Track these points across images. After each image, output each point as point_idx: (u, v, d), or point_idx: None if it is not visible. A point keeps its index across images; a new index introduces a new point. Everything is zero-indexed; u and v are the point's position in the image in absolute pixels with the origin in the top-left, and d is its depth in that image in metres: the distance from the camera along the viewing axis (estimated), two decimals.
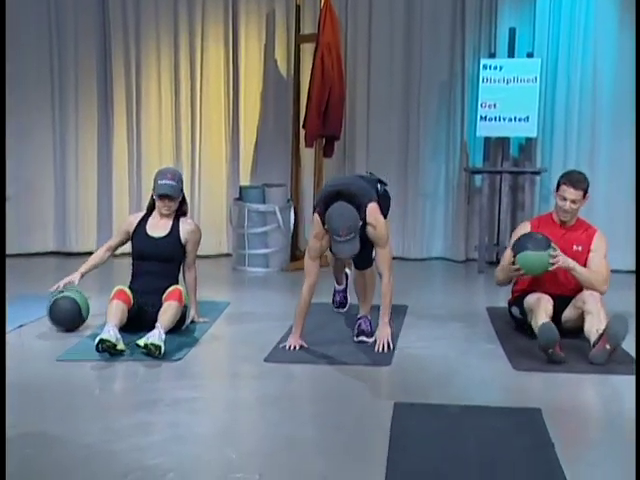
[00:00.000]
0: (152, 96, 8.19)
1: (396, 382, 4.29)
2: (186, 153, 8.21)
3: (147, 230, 5.23)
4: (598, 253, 5.03)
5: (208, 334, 5.18)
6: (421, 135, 8.00)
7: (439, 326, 5.37)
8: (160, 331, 4.60)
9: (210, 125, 8.20)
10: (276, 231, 7.57)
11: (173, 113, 8.20)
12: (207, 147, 8.23)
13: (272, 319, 5.58)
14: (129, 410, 3.81)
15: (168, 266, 5.19)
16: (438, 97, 7.96)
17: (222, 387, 4.25)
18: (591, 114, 7.59)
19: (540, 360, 4.55)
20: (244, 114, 8.18)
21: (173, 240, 5.23)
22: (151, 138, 8.22)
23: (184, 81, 8.13)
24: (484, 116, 7.44)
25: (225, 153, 8.26)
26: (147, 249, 5.17)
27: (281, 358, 4.62)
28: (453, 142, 7.95)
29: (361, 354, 4.71)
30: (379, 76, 8.00)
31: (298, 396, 4.05)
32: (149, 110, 8.20)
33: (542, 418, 3.62)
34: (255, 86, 8.16)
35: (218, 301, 6.09)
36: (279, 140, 8.17)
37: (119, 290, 4.90)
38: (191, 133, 8.19)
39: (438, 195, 8.10)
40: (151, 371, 4.38)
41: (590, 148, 7.63)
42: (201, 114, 8.17)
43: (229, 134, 8.22)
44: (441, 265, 7.98)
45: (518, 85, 7.35)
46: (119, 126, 8.22)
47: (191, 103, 8.16)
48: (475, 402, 3.88)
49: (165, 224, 5.25)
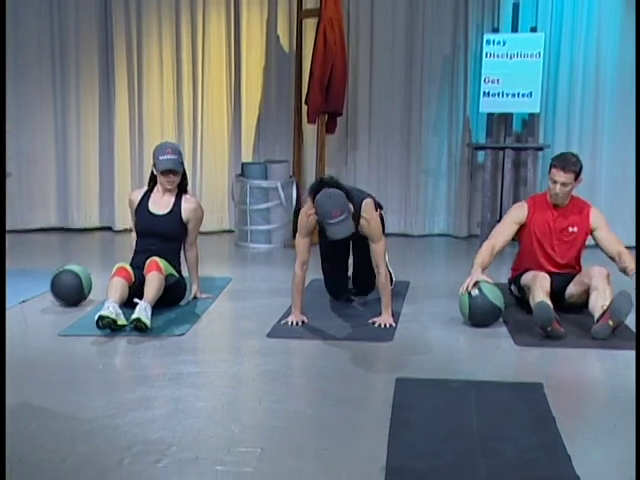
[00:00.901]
0: (154, 72, 8.14)
1: (398, 358, 4.30)
2: (188, 129, 8.19)
3: (149, 207, 5.22)
4: (602, 229, 5.02)
5: (210, 310, 5.19)
6: (424, 111, 7.97)
7: (441, 302, 5.37)
8: (145, 306, 4.60)
9: (212, 101, 8.17)
10: (278, 207, 7.56)
11: (175, 88, 8.16)
12: (209, 123, 8.20)
13: (275, 295, 5.58)
14: (131, 384, 3.81)
15: (169, 244, 5.18)
16: (441, 73, 7.91)
17: (224, 362, 4.25)
18: (594, 89, 7.55)
19: (541, 336, 4.55)
20: (246, 90, 8.14)
21: (174, 218, 5.21)
22: (153, 114, 8.19)
23: (186, 56, 8.09)
24: (487, 92, 7.40)
25: (227, 129, 8.23)
26: (148, 226, 5.17)
27: (284, 334, 4.63)
28: (456, 118, 7.91)
29: (363, 330, 4.72)
30: (382, 51, 7.95)
31: (300, 371, 4.05)
32: (151, 85, 8.16)
33: (543, 392, 3.62)
34: (257, 62, 8.12)
35: (220, 277, 6.09)
36: (281, 116, 8.14)
37: (120, 267, 4.89)
38: (193, 109, 8.16)
39: (440, 171, 8.08)
40: (153, 346, 4.38)
41: (593, 124, 7.59)
42: (203, 90, 8.14)
43: (231, 110, 8.19)
44: (443, 241, 7.97)
45: (521, 60, 7.31)
46: (121, 101, 8.19)
47: (193, 78, 8.12)
48: (477, 377, 3.89)
49: (167, 201, 5.23)
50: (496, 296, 4.77)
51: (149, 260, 4.91)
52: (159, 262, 4.90)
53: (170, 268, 5.00)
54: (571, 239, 5.04)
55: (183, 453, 3.00)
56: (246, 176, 7.61)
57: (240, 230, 7.70)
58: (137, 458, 2.95)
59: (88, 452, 3.02)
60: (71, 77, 8.19)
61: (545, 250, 5.08)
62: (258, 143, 8.25)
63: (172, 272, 5.01)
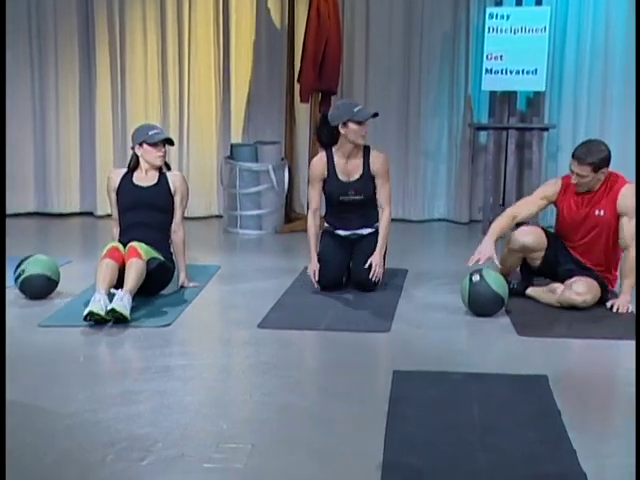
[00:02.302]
0: (137, 49, 8.11)
1: (395, 349, 4.31)
2: (174, 109, 8.16)
3: (134, 181, 5.26)
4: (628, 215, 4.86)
5: (198, 299, 5.19)
6: (422, 89, 7.96)
7: (440, 291, 5.38)
8: (122, 295, 4.59)
9: (199, 79, 8.14)
10: (269, 191, 7.55)
11: (160, 67, 8.13)
12: (196, 102, 8.18)
13: (265, 283, 5.59)
14: (115, 378, 3.82)
15: (160, 216, 5.22)
16: (441, 49, 7.90)
17: (213, 354, 4.26)
18: (603, 66, 7.55)
19: (546, 325, 4.57)
20: (235, 67, 8.12)
21: (162, 188, 5.27)
22: (136, 93, 8.16)
23: (171, 33, 8.06)
24: (490, 69, 7.39)
25: (215, 109, 8.21)
26: (136, 199, 5.20)
27: (275, 324, 4.64)
28: (457, 97, 7.91)
29: (359, 320, 4.73)
30: (378, 27, 7.93)
31: (293, 363, 4.06)
32: (134, 64, 8.13)
33: (548, 385, 3.64)
34: (247, 37, 8.09)
35: (208, 265, 6.09)
36: (272, 95, 8.12)
37: (111, 248, 4.87)
38: (179, 88, 8.14)
39: (440, 153, 8.08)
40: (138, 337, 4.38)
41: (602, 102, 7.59)
42: (189, 67, 8.11)
43: (219, 89, 8.17)
44: (443, 227, 7.98)
45: (526, 35, 7.29)
46: (102, 81, 8.15)
47: (179, 56, 8.09)
48: (478, 369, 3.90)
49: (152, 176, 5.29)
50: (499, 285, 4.78)
51: (128, 246, 4.90)
52: (138, 248, 4.88)
53: (152, 252, 4.98)
54: (597, 223, 4.94)
55: (169, 450, 3.01)
56: (235, 158, 7.60)
57: (229, 215, 7.70)
58: (121, 455, 2.96)
59: (69, 449, 3.03)
60: (50, 56, 8.15)
61: (569, 239, 5.05)
62: (248, 123, 8.24)
63: (155, 255, 4.99)
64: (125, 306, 4.54)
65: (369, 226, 5.46)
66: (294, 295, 5.30)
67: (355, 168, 5.36)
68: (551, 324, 4.63)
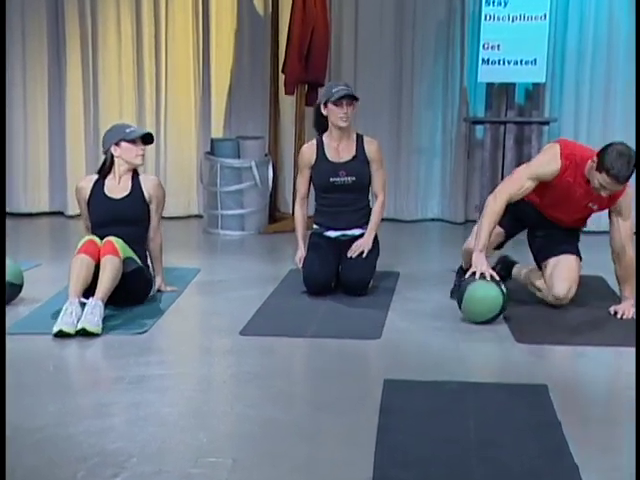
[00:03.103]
0: (111, 38, 8.08)
1: (386, 357, 4.32)
2: (150, 102, 8.15)
3: (105, 192, 5.20)
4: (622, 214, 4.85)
5: (176, 304, 5.18)
6: (415, 81, 7.97)
7: (434, 295, 5.39)
8: (94, 305, 4.54)
9: (177, 70, 8.13)
10: (252, 189, 7.55)
11: (134, 56, 8.11)
12: (174, 95, 8.16)
13: (248, 288, 5.58)
14: (87, 389, 3.81)
15: (135, 229, 5.16)
16: (434, 37, 7.92)
17: (192, 363, 4.25)
18: (606, 56, 7.56)
19: (545, 332, 4.58)
20: (215, 57, 8.11)
21: (137, 199, 5.20)
22: (110, 85, 8.13)
23: (147, 20, 8.03)
24: (486, 59, 7.41)
25: (194, 101, 8.20)
26: (108, 213, 5.13)
27: (258, 331, 4.64)
28: (451, 89, 7.92)
29: (348, 327, 4.73)
30: (368, 14, 7.93)
31: (277, 373, 4.06)
32: (107, 54, 8.10)
33: (548, 395, 3.65)
34: (228, 25, 8.09)
35: (187, 268, 6.09)
36: (255, 87, 8.12)
37: (88, 241, 4.83)
38: (155, 79, 8.12)
39: (434, 149, 8.09)
40: (112, 345, 4.37)
41: (605, 95, 7.61)
42: (167, 57, 8.09)
43: (198, 80, 8.16)
44: (437, 227, 7.99)
45: (525, 23, 7.31)
46: (73, 72, 8.12)
47: (155, 45, 8.07)
48: (474, 378, 3.91)
49: (124, 184, 5.22)
50: None
51: (104, 241, 4.84)
52: (115, 242, 4.82)
53: (130, 251, 4.96)
54: (584, 214, 5.06)
55: (145, 465, 3.00)
56: (216, 154, 7.59)
57: (209, 215, 7.69)
58: (93, 471, 2.95)
59: (38, 465, 3.02)
60: (16, 46, 8.11)
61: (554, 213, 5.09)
62: (229, 117, 8.23)
63: (131, 256, 4.97)
64: (96, 322, 4.49)
65: (360, 226, 5.47)
66: (279, 300, 5.30)
67: (347, 150, 5.47)
68: (550, 330, 4.65)
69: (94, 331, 4.46)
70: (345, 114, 5.38)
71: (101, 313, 4.56)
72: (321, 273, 5.34)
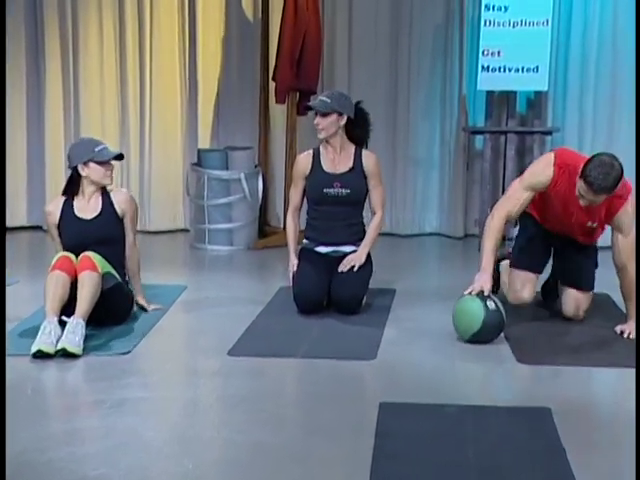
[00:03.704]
0: (92, 44, 8.07)
1: (382, 379, 4.31)
2: (134, 111, 8.14)
3: (76, 213, 5.17)
4: (623, 231, 4.86)
5: (161, 323, 5.17)
6: (412, 89, 7.98)
7: (432, 313, 5.39)
8: (75, 324, 4.53)
9: (162, 77, 8.13)
10: (241, 202, 7.55)
11: (118, 63, 8.10)
12: (159, 103, 8.16)
13: (237, 306, 5.58)
14: (67, 413, 3.80)
15: (110, 249, 5.12)
16: (432, 43, 7.93)
17: (177, 385, 4.24)
18: (611, 63, 7.58)
19: (548, 352, 4.58)
20: (203, 65, 8.11)
21: (109, 217, 5.18)
22: (91, 94, 8.12)
23: (130, 25, 8.03)
24: (486, 66, 7.42)
25: (180, 110, 8.20)
26: (81, 235, 5.09)
27: (247, 351, 4.63)
28: (449, 97, 7.94)
29: (341, 347, 4.73)
30: (362, 19, 7.95)
31: (267, 395, 4.05)
32: (89, 60, 8.08)
33: (552, 418, 3.65)
34: (215, 30, 8.10)
35: (173, 285, 6.08)
36: (244, 95, 8.12)
37: (62, 257, 4.82)
38: (139, 87, 8.11)
39: (432, 160, 8.09)
40: (92, 367, 4.36)
41: (610, 103, 7.63)
42: (151, 63, 8.09)
43: (185, 88, 8.16)
44: (435, 242, 8.00)
45: (526, 29, 7.33)
46: (52, 79, 8.10)
47: (139, 51, 8.07)
48: (474, 401, 3.90)
49: (94, 203, 5.18)
50: (504, 310, 4.80)
51: (80, 256, 4.83)
52: (92, 257, 4.81)
53: (108, 266, 4.95)
54: (586, 234, 5.10)
55: None
56: (203, 165, 7.59)
57: (196, 229, 7.68)
58: None
59: None
60: None
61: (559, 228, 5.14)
62: (217, 126, 8.23)
63: (110, 271, 4.96)
64: (77, 342, 4.48)
65: (353, 243, 5.48)
66: (269, 319, 5.30)
67: (344, 162, 5.49)
68: (553, 350, 4.65)
69: (75, 352, 4.44)
70: (317, 126, 5.46)
71: (82, 333, 4.55)
72: (312, 290, 5.34)
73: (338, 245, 5.49)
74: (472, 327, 4.74)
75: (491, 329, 4.74)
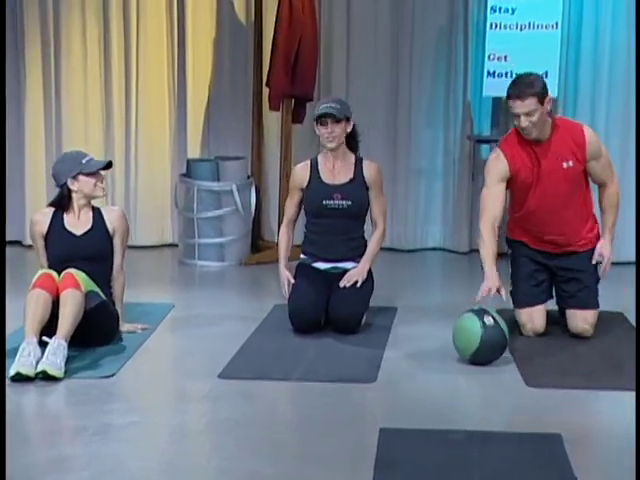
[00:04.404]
0: (76, 48, 8.07)
1: (382, 403, 4.30)
2: (119, 118, 8.14)
3: (66, 227, 5.21)
4: (599, 161, 5.15)
5: (147, 344, 5.17)
6: (413, 95, 7.99)
7: (436, 333, 5.38)
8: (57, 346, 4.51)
9: (149, 82, 8.14)
10: (233, 215, 7.55)
11: (102, 68, 8.09)
12: (145, 111, 8.16)
13: (228, 325, 5.58)
14: (46, 440, 3.78)
15: (98, 267, 5.16)
16: (435, 47, 7.95)
17: (164, 410, 4.23)
18: (625, 67, 7.58)
19: (559, 374, 4.58)
20: (192, 69, 8.12)
21: (100, 233, 5.22)
22: (74, 101, 8.11)
23: (115, 27, 8.03)
24: (492, 71, 7.44)
25: (168, 117, 8.20)
26: (69, 249, 5.12)
27: (239, 373, 4.63)
28: (454, 104, 7.95)
29: (339, 369, 4.72)
30: (361, 21, 7.97)
31: (260, 421, 4.04)
32: (71, 66, 8.07)
33: (562, 445, 3.64)
34: (206, 33, 8.11)
35: (160, 303, 6.07)
36: (237, 101, 8.13)
37: (44, 275, 4.82)
38: (125, 93, 8.12)
39: (435, 170, 8.10)
40: (75, 390, 4.35)
41: (623, 109, 7.62)
42: (137, 68, 8.09)
43: (173, 94, 8.16)
44: (439, 257, 8.00)
45: (535, 32, 7.35)
46: (33, 86, 8.09)
47: (125, 55, 8.07)
48: (480, 427, 3.90)
49: (85, 218, 5.23)
50: (505, 325, 4.80)
51: (63, 273, 4.83)
52: (75, 275, 4.82)
53: (92, 284, 4.95)
54: (567, 176, 5.11)
55: None
56: (193, 176, 7.59)
57: (185, 244, 7.68)
58: None
59: None
60: None
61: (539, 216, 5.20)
62: (207, 135, 8.24)
63: (95, 290, 4.96)
64: (59, 365, 4.46)
65: (353, 259, 5.48)
66: (262, 339, 5.29)
67: (343, 172, 5.50)
68: (565, 373, 4.64)
69: (56, 375, 4.43)
70: (330, 134, 5.40)
71: (64, 355, 4.54)
72: (309, 309, 5.33)
73: (338, 261, 5.48)
74: (471, 346, 4.74)
75: (491, 347, 4.74)
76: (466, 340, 4.77)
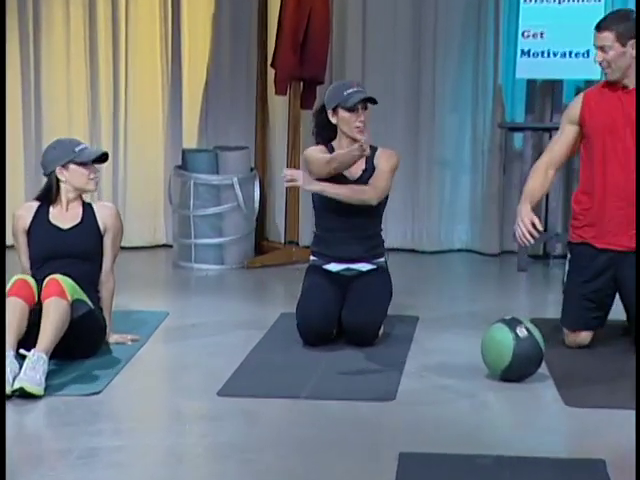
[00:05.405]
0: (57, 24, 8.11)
1: (402, 424, 4.30)
2: (106, 104, 8.17)
3: (51, 220, 5.23)
4: None
5: (138, 357, 5.17)
6: (438, 78, 8.00)
7: (462, 345, 5.38)
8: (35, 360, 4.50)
9: (140, 64, 8.16)
10: (234, 212, 7.57)
11: (86, 43, 8.12)
12: (136, 95, 8.19)
13: (229, 336, 5.60)
14: (26, 465, 3.79)
15: (85, 267, 5.18)
16: (462, 24, 7.96)
17: (157, 432, 4.24)
18: None
19: (603, 392, 4.57)
20: (188, 49, 8.15)
21: (89, 229, 5.23)
22: (56, 85, 8.15)
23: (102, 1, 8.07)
24: (527, 50, 7.44)
25: (162, 102, 8.23)
26: (55, 245, 5.15)
27: (241, 391, 4.63)
28: (483, 88, 7.96)
29: (353, 385, 4.73)
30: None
31: (264, 444, 4.05)
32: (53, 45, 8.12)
33: (606, 473, 3.63)
34: (204, 9, 8.13)
35: (152, 311, 6.09)
36: (238, 85, 8.15)
37: (19, 282, 4.83)
38: (113, 75, 8.15)
39: (462, 162, 8.11)
40: (57, 409, 4.36)
41: None
42: (126, 46, 8.12)
43: (167, 76, 8.19)
44: (466, 260, 8.00)
45: (575, 5, 7.34)
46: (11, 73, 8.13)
47: (112, 33, 8.10)
48: (512, 451, 3.89)
49: (74, 213, 5.25)
50: (540, 336, 4.80)
51: (47, 279, 4.84)
52: (61, 282, 4.82)
53: (80, 292, 4.96)
54: None
55: None
56: (189, 169, 7.61)
57: (181, 245, 7.69)
58: None
59: None
60: None
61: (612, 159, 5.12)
62: (205, 122, 8.26)
63: (82, 297, 4.97)
64: (38, 380, 4.45)
65: (369, 259, 5.47)
66: (267, 351, 5.30)
67: (357, 163, 5.42)
68: (608, 390, 4.63)
69: (35, 392, 4.43)
70: (362, 123, 5.40)
71: (44, 369, 4.54)
72: (319, 318, 5.33)
73: (352, 262, 5.47)
74: (502, 361, 4.72)
75: (525, 361, 4.73)
76: (497, 354, 4.76)
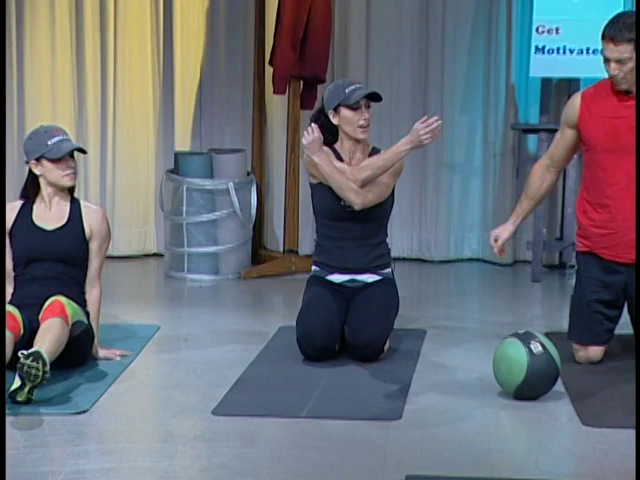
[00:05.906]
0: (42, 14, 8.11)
1: (408, 445, 4.30)
2: (93, 102, 8.17)
3: (34, 220, 5.25)
4: None
5: (127, 373, 5.18)
6: (446, 77, 8.01)
7: (472, 361, 5.39)
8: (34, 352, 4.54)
9: (129, 61, 8.17)
10: (230, 219, 7.56)
11: (73, 42, 8.13)
12: (125, 93, 8.19)
13: (224, 351, 5.60)
14: None
15: (70, 270, 5.22)
16: (472, 18, 7.97)
17: (147, 453, 4.23)
18: None
19: (623, 411, 4.56)
20: (180, 45, 8.15)
21: (74, 231, 5.25)
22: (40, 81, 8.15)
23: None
24: (541, 46, 7.44)
25: (153, 103, 8.23)
26: (38, 246, 5.19)
27: (237, 409, 4.63)
28: (495, 86, 7.96)
29: (357, 404, 4.73)
30: None
31: (262, 466, 4.05)
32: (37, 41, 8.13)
33: None
34: (197, 3, 8.13)
35: (143, 325, 6.10)
36: (234, 84, 8.16)
37: None
38: (101, 72, 8.14)
39: (472, 165, 8.11)
40: (40, 429, 4.36)
41: None
42: (115, 42, 8.12)
43: (158, 73, 8.19)
44: (477, 270, 8.00)
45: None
46: None
47: (100, 27, 8.10)
48: (526, 474, 3.89)
49: (59, 212, 5.27)
50: (555, 351, 4.79)
51: (51, 300, 4.90)
52: (66, 305, 4.90)
53: (80, 313, 5.00)
54: None
55: None
56: (182, 173, 7.61)
57: (173, 254, 7.69)
58: None
59: None
60: None
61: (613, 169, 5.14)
62: (199, 124, 8.26)
63: (81, 319, 5.01)
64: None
65: (374, 270, 5.47)
66: (265, 368, 5.31)
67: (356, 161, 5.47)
68: (628, 410, 4.62)
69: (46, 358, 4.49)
70: (366, 121, 5.43)
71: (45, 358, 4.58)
72: (321, 332, 5.33)
73: (356, 272, 5.47)
74: (515, 378, 4.73)
75: (539, 379, 4.74)
76: (509, 371, 4.76)
